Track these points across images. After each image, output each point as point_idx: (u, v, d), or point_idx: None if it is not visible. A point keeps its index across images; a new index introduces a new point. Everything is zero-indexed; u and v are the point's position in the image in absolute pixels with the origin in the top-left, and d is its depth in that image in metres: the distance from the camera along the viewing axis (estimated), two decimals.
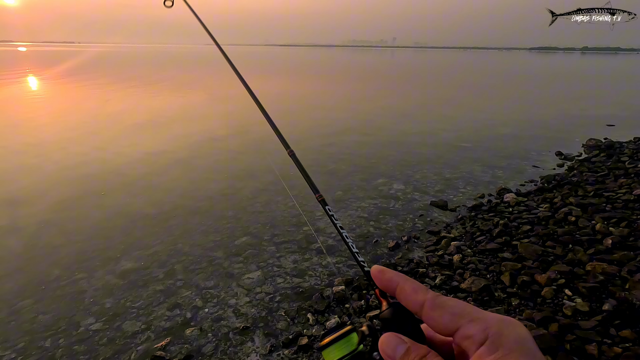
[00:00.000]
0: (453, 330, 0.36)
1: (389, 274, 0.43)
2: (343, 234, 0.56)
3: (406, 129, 10.23)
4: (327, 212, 0.61)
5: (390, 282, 0.43)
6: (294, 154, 0.85)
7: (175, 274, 3.63)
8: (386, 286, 0.43)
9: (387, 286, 0.43)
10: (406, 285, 0.41)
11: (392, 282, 0.42)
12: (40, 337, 2.83)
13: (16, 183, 5.87)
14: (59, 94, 17.40)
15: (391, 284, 0.43)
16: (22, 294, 3.31)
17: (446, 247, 4.02)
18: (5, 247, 4.08)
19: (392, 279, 0.43)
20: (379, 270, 0.44)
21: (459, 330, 0.36)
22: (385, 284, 0.43)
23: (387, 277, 0.43)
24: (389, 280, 0.43)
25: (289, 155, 0.85)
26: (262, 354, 2.69)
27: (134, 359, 2.65)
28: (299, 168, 0.77)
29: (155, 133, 9.42)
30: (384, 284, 0.43)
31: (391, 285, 0.43)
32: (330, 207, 0.63)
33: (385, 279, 0.43)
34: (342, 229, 0.57)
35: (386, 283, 0.43)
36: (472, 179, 6.30)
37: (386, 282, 0.43)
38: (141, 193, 5.60)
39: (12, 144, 8.13)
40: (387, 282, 0.43)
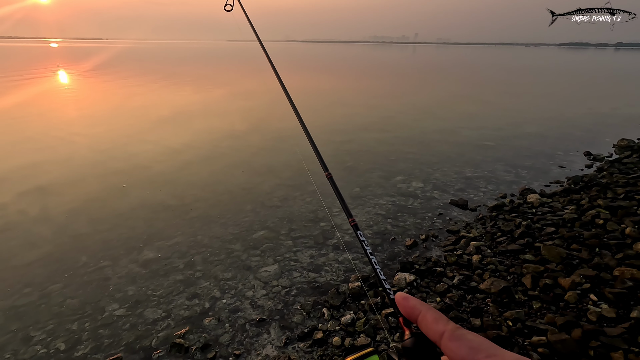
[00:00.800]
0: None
1: (412, 302, 0.44)
2: (372, 260, 0.57)
3: (427, 127, 10.06)
4: (358, 237, 0.63)
5: (414, 309, 0.43)
6: (331, 177, 0.87)
7: (195, 265, 3.72)
8: (409, 313, 0.44)
9: (410, 313, 0.44)
10: (428, 314, 0.42)
11: (415, 310, 0.43)
12: (68, 320, 2.97)
13: (48, 174, 6.15)
14: (88, 89, 18.06)
15: (414, 312, 0.43)
16: (52, 279, 3.48)
17: (465, 246, 3.95)
18: (37, 234, 4.29)
19: (415, 307, 0.44)
20: (403, 297, 0.45)
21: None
22: (409, 311, 0.44)
23: (411, 304, 0.44)
24: (412, 308, 0.44)
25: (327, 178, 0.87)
26: (278, 346, 2.73)
27: (155, 345, 2.74)
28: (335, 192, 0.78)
29: (179, 127, 9.65)
30: (407, 311, 0.44)
31: (414, 312, 0.43)
32: (361, 232, 0.64)
33: (409, 306, 0.44)
34: (372, 254, 0.58)
35: (409, 310, 0.44)
36: (494, 179, 6.14)
37: (409, 310, 0.44)
38: (164, 185, 5.76)
39: (44, 137, 8.51)
40: (410, 309, 0.44)
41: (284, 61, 47.33)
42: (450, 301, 3.05)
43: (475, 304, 3.00)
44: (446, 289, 3.21)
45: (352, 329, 2.83)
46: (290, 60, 51.19)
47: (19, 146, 7.63)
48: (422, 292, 3.22)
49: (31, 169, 6.32)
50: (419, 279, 3.40)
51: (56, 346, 2.71)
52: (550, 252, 3.50)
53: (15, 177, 5.95)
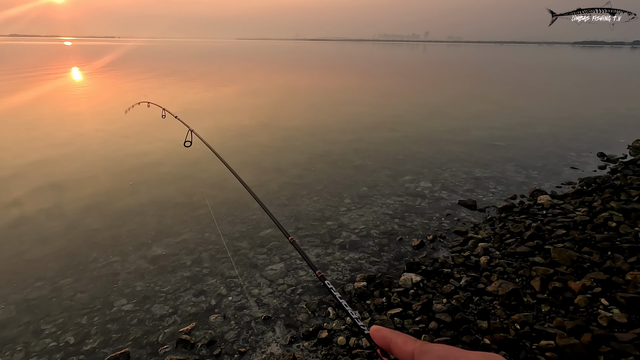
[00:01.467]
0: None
1: (383, 332, 0.46)
2: (342, 303, 0.60)
3: (436, 126, 9.96)
4: (326, 286, 0.67)
5: (385, 339, 0.45)
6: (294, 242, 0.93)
7: (202, 262, 3.76)
8: (382, 344, 0.45)
9: (383, 344, 0.45)
10: (398, 339, 0.44)
11: (387, 339, 0.45)
12: (77, 314, 3.02)
13: (61, 170, 6.27)
14: (100, 86, 18.34)
15: (386, 341, 0.45)
16: (63, 273, 3.55)
17: (473, 248, 3.91)
18: (49, 229, 4.37)
19: (386, 336, 0.45)
20: (376, 330, 0.47)
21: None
22: (381, 341, 0.45)
23: (382, 334, 0.46)
24: (384, 338, 0.45)
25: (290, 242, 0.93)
26: (283, 344, 2.74)
27: (162, 340, 2.77)
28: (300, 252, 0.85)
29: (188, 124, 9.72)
30: (380, 342, 0.46)
31: (386, 342, 0.45)
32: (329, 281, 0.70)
33: (380, 336, 0.46)
34: (342, 298, 0.61)
35: (382, 341, 0.45)
36: (503, 179, 6.06)
37: (382, 340, 0.45)
38: (172, 182, 5.82)
39: (58, 134, 8.67)
40: (382, 339, 0.45)
41: (294, 59, 47.35)
42: (457, 303, 3.02)
43: (482, 306, 2.97)
44: (453, 290, 3.18)
45: (357, 329, 2.83)
46: (300, 58, 51.22)
47: (34, 142, 7.79)
48: (428, 293, 3.20)
49: (45, 165, 6.45)
50: (425, 280, 3.37)
51: (66, 339, 2.77)
52: (561, 255, 3.44)
53: (30, 173, 6.08)
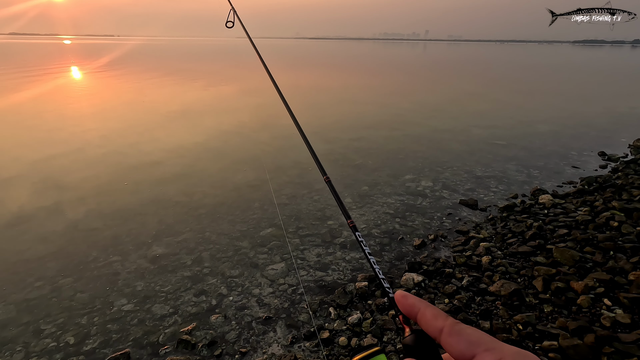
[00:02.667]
0: (469, 358, 0.37)
1: (411, 300, 0.44)
2: (371, 260, 0.57)
3: (437, 125, 9.94)
4: (357, 238, 0.63)
5: (413, 307, 0.44)
6: (329, 181, 0.85)
7: (203, 261, 3.74)
8: (409, 311, 0.44)
9: (409, 311, 0.44)
10: (427, 311, 0.43)
11: (414, 308, 0.44)
12: (77, 314, 3.01)
13: (62, 169, 6.25)
14: (99, 85, 18.30)
15: (413, 309, 0.44)
16: (63, 273, 3.53)
17: (475, 247, 3.89)
18: (50, 228, 4.36)
19: (414, 304, 0.44)
20: (402, 296, 0.45)
21: (474, 358, 0.37)
22: (408, 309, 0.44)
23: (410, 302, 0.44)
24: (411, 306, 0.44)
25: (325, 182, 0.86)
26: (284, 345, 2.72)
27: (162, 340, 2.76)
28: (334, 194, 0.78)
29: (188, 124, 9.71)
30: (406, 309, 0.45)
31: (413, 310, 0.44)
32: (359, 233, 0.64)
33: (408, 304, 0.44)
34: (371, 255, 0.58)
35: (408, 308, 0.44)
36: (505, 178, 6.04)
37: (408, 307, 0.44)
38: (173, 181, 5.80)
39: (58, 133, 8.65)
40: (409, 307, 0.44)
41: (294, 58, 47.27)
42: (458, 303, 3.01)
43: (484, 306, 2.95)
44: (455, 290, 3.17)
45: (358, 329, 2.81)
46: (300, 57, 51.15)
47: (34, 141, 7.77)
48: (430, 292, 3.19)
49: (45, 164, 6.42)
50: (427, 280, 3.36)
51: (66, 340, 2.75)
52: (563, 255, 3.43)
53: (30, 172, 6.06)
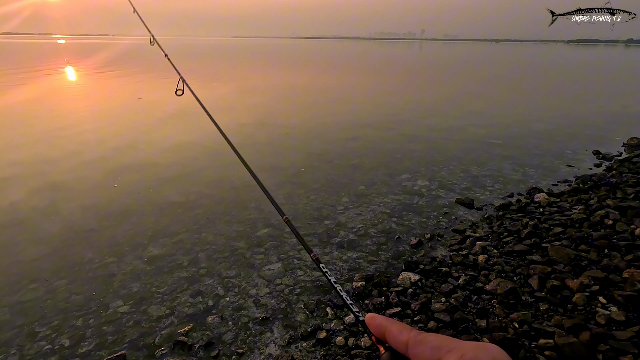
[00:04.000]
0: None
1: (378, 320, 0.45)
2: (337, 288, 0.59)
3: (433, 124, 9.97)
4: (321, 269, 0.66)
5: (380, 327, 0.45)
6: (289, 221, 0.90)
7: (199, 262, 3.72)
8: (378, 332, 0.45)
9: (378, 332, 0.45)
10: (392, 327, 0.43)
11: (382, 327, 0.45)
12: (72, 316, 2.98)
13: (58, 169, 6.19)
14: (94, 85, 18.16)
15: (380, 329, 0.45)
16: (57, 274, 3.50)
17: (471, 246, 3.91)
18: (44, 229, 4.32)
19: (381, 324, 0.45)
20: (371, 317, 0.46)
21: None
22: (377, 329, 0.45)
23: (377, 322, 0.45)
24: (379, 326, 0.45)
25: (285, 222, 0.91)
26: (281, 345, 2.72)
27: (158, 342, 2.74)
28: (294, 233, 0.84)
29: (184, 123, 9.66)
30: (376, 330, 0.45)
31: (381, 330, 0.45)
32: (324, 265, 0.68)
33: (376, 324, 0.45)
34: (336, 283, 0.60)
35: (377, 328, 0.45)
36: (501, 177, 6.07)
37: (377, 328, 0.45)
38: (169, 182, 5.77)
39: (53, 133, 8.57)
40: (377, 327, 0.45)
41: (290, 57, 47.21)
42: (455, 302, 3.01)
43: (481, 305, 2.96)
44: (451, 289, 3.18)
45: (355, 329, 2.81)
46: (296, 56, 51.09)
47: (28, 142, 7.69)
48: (426, 292, 3.19)
49: (39, 165, 6.37)
50: (423, 279, 3.36)
51: (61, 342, 2.73)
52: (558, 253, 3.45)
53: (24, 172, 6.00)
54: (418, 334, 0.41)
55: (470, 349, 0.36)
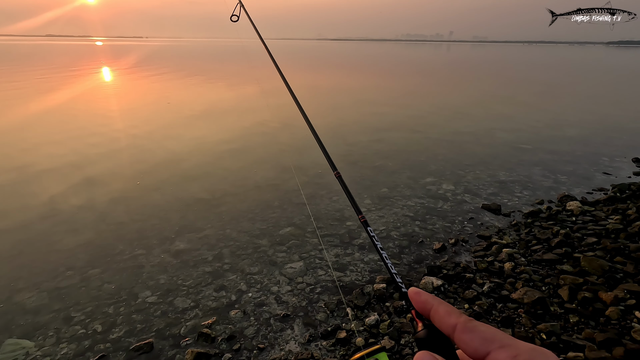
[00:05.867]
0: (483, 355, 0.37)
1: (424, 296, 0.45)
2: (383, 255, 0.59)
3: (459, 128, 9.75)
4: (368, 233, 0.64)
5: (426, 304, 0.44)
6: (340, 176, 0.86)
7: (223, 258, 3.82)
8: (422, 308, 0.44)
9: (422, 308, 0.44)
10: (440, 308, 0.42)
11: (427, 305, 0.44)
12: (104, 304, 3.14)
13: (92, 166, 6.52)
14: (128, 85, 18.97)
15: (426, 306, 0.44)
16: (91, 263, 3.69)
17: (497, 253, 3.80)
18: (80, 221, 4.56)
19: (428, 301, 0.44)
20: (416, 292, 0.46)
21: (489, 355, 0.36)
22: (421, 305, 0.44)
23: (423, 299, 0.45)
24: (424, 303, 0.44)
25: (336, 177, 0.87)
26: (301, 342, 2.75)
27: (183, 333, 2.84)
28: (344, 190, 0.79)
29: (212, 123, 9.93)
30: (419, 306, 0.45)
31: (426, 307, 0.44)
32: (371, 228, 0.65)
33: (421, 300, 0.45)
34: (383, 250, 0.59)
35: (422, 305, 0.44)
36: (530, 184, 5.86)
37: (422, 304, 0.44)
38: (196, 179, 5.95)
39: (89, 131, 9.03)
40: (422, 304, 0.44)
41: (316, 59, 47.46)
42: (479, 309, 2.95)
43: (506, 314, 2.88)
44: (475, 296, 3.11)
45: (375, 331, 2.80)
46: (321, 58, 51.30)
47: (66, 139, 8.14)
48: (449, 297, 3.14)
49: (76, 160, 6.73)
50: (446, 284, 3.31)
51: (94, 327, 2.88)
52: (591, 264, 3.30)
53: (63, 168, 6.36)
54: (469, 321, 0.39)
55: (526, 351, 0.34)
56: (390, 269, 0.55)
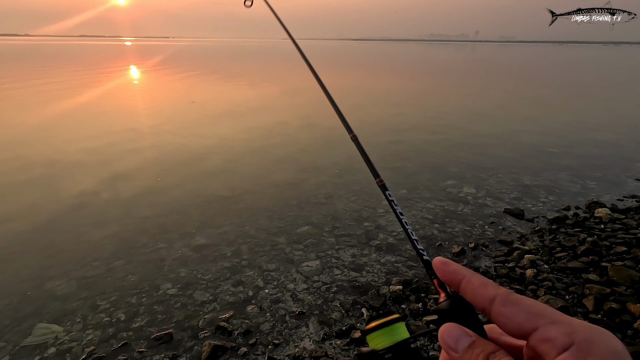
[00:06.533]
0: (528, 331, 0.32)
1: (453, 267, 0.40)
2: (402, 220, 0.53)
3: (482, 130, 9.53)
4: (387, 197, 0.58)
5: (455, 274, 0.39)
6: (356, 139, 0.81)
7: (241, 254, 3.89)
8: (450, 279, 0.40)
9: (451, 279, 0.39)
10: (474, 278, 0.37)
11: (457, 275, 0.39)
12: (128, 294, 3.26)
13: (120, 161, 6.78)
14: (153, 83, 19.56)
15: (456, 277, 0.39)
16: (116, 255, 3.85)
17: (519, 259, 3.70)
18: (107, 214, 4.75)
19: (458, 271, 0.39)
20: (443, 262, 0.41)
21: (536, 331, 0.31)
22: (450, 276, 0.40)
23: (452, 269, 0.39)
24: (454, 273, 0.39)
25: (352, 140, 0.83)
26: (315, 341, 2.77)
27: (202, 325, 2.92)
28: (361, 152, 0.74)
29: (233, 121, 10.11)
30: (447, 277, 0.40)
31: (456, 277, 0.39)
32: (390, 192, 0.60)
33: (450, 271, 0.40)
34: (402, 215, 0.54)
35: (450, 276, 0.39)
36: (556, 189, 5.66)
37: (450, 275, 0.39)
38: (216, 176, 6.08)
39: (116, 127, 9.38)
40: (451, 274, 0.39)
41: (336, 59, 47.44)
42: None
43: None
44: None
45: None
46: (342, 58, 51.24)
47: (95, 134, 8.49)
48: None
49: (104, 155, 7.00)
50: None
51: (118, 316, 3.00)
52: (620, 274, 3.16)
53: (92, 163, 6.64)
54: (510, 293, 0.34)
55: (583, 329, 0.29)
56: (410, 235, 0.51)
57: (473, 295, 0.37)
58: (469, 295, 0.37)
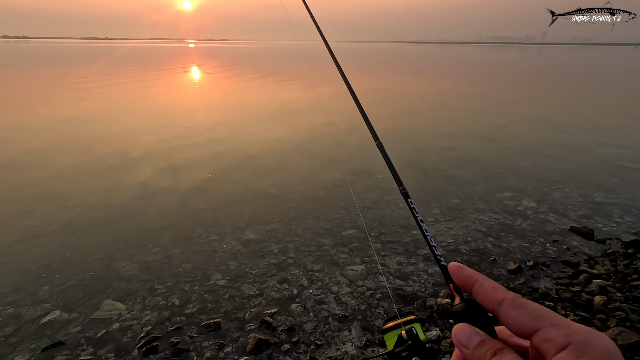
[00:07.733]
0: (532, 332, 0.35)
1: (467, 271, 0.44)
2: (423, 227, 0.56)
3: (547, 139, 8.81)
4: (409, 205, 0.62)
5: (469, 278, 0.43)
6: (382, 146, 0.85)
7: (288, 252, 3.98)
8: (464, 282, 0.43)
9: (464, 282, 0.43)
10: (485, 282, 0.41)
11: (471, 279, 0.42)
12: (182, 281, 3.48)
13: (179, 155, 7.27)
14: (213, 83, 20.72)
15: (469, 280, 0.43)
16: (174, 243, 4.12)
17: (586, 283, 3.36)
18: (166, 204, 5.12)
19: (471, 275, 0.43)
20: (458, 267, 0.45)
21: (538, 332, 0.35)
22: (464, 280, 0.43)
23: (466, 273, 0.43)
24: (467, 277, 0.43)
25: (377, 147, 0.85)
26: (357, 346, 2.74)
27: (248, 318, 3.02)
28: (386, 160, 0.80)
29: (285, 122, 10.38)
30: (461, 280, 0.43)
31: (469, 281, 0.43)
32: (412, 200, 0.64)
33: (464, 275, 0.43)
34: (423, 222, 0.58)
35: (464, 279, 0.43)
36: (634, 208, 5.07)
37: (464, 279, 0.43)
38: (267, 175, 6.27)
39: (178, 124, 10.08)
40: (465, 278, 0.43)
41: (390, 61, 46.71)
42: None
43: None
44: None
45: (436, 346, 2.68)
46: (396, 61, 50.33)
47: (158, 130, 9.19)
48: None
49: (165, 150, 7.55)
50: None
51: (172, 301, 3.21)
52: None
53: (155, 155, 7.19)
54: (518, 297, 0.38)
55: (581, 332, 0.33)
56: (429, 241, 0.54)
57: (484, 298, 0.41)
58: (480, 297, 0.41)
